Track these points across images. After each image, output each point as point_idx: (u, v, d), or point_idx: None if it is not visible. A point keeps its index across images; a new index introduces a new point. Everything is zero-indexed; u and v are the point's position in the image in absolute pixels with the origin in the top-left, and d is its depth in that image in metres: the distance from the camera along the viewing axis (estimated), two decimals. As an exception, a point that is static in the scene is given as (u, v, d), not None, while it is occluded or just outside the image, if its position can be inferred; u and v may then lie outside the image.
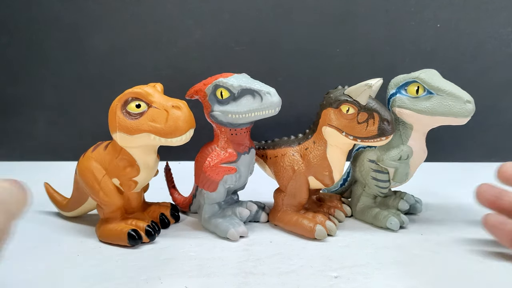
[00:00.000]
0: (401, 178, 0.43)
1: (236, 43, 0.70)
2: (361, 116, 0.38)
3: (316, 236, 0.39)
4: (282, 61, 0.70)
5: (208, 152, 0.40)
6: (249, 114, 0.37)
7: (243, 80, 0.37)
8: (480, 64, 0.69)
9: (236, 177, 0.41)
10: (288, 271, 0.34)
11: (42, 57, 0.72)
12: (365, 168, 0.44)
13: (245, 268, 0.34)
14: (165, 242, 0.40)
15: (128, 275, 0.33)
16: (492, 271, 0.34)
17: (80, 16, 0.70)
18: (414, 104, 0.39)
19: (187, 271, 0.34)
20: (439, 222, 0.44)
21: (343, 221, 0.45)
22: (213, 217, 0.41)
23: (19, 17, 0.70)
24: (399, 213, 0.43)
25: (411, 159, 0.42)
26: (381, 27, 0.68)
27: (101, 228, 0.39)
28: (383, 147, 0.42)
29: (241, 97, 0.37)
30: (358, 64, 0.69)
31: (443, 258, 0.36)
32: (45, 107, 0.74)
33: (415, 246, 0.38)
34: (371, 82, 0.37)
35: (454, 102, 0.38)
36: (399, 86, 0.41)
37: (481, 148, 0.73)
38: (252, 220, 0.44)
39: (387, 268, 0.34)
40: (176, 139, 0.36)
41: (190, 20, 0.69)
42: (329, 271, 0.33)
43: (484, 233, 0.41)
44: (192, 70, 0.70)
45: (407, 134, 0.41)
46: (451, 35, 0.68)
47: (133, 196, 0.42)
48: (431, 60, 0.69)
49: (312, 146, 0.41)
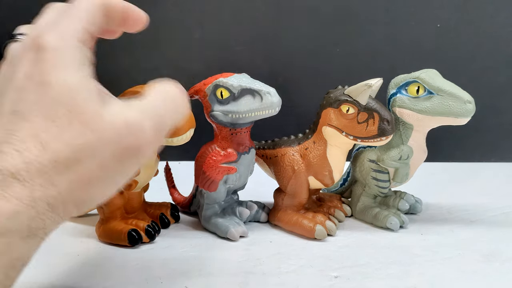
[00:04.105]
0: (401, 178, 0.43)
1: (236, 43, 0.70)
2: (361, 116, 0.38)
3: (316, 236, 0.39)
4: (282, 61, 0.70)
5: (208, 152, 0.40)
6: (249, 114, 0.37)
7: (243, 80, 0.37)
8: (480, 64, 0.69)
9: (236, 177, 0.41)
10: (288, 271, 0.34)
11: (42, 57, 0.72)
12: (365, 168, 0.44)
13: (245, 268, 0.34)
14: (165, 242, 0.40)
15: (128, 275, 0.33)
16: (492, 271, 0.34)
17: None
18: (414, 104, 0.39)
19: (187, 271, 0.33)
20: (439, 222, 0.44)
21: (343, 221, 0.45)
22: (213, 217, 0.41)
23: (19, 17, 0.70)
24: (399, 213, 0.43)
25: (411, 159, 0.42)
26: (381, 27, 0.68)
27: (101, 228, 0.39)
28: (383, 147, 0.42)
29: (241, 97, 0.37)
30: (358, 64, 0.69)
31: (443, 258, 0.36)
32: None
33: (415, 246, 0.38)
34: (371, 82, 0.37)
35: (455, 102, 0.38)
36: (400, 86, 0.41)
37: (481, 148, 0.73)
38: (252, 220, 0.44)
39: (387, 268, 0.34)
40: (177, 139, 0.36)
41: (190, 20, 0.69)
42: (329, 271, 0.34)
43: (484, 233, 0.41)
44: (192, 70, 0.70)
45: (407, 134, 0.41)
46: (451, 35, 0.68)
47: (133, 196, 0.42)
48: (431, 60, 0.69)
49: (312, 146, 0.41)
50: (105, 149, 0.20)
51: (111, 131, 0.21)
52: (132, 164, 0.22)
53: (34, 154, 0.19)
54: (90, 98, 0.21)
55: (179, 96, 0.24)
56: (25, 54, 0.21)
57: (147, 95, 0.23)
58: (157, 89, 0.24)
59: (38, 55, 0.21)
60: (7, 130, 0.20)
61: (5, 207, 0.18)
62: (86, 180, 0.20)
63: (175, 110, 0.24)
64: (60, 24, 0.22)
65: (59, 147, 0.20)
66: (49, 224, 0.20)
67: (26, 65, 0.21)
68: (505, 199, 0.51)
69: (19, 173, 0.19)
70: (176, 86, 0.25)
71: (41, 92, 0.20)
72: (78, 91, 0.21)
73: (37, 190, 0.19)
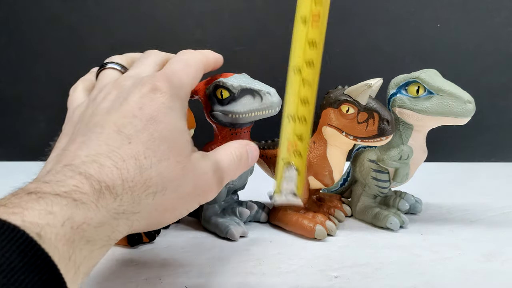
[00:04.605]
0: (401, 178, 0.43)
1: (236, 43, 0.70)
2: (361, 116, 0.38)
3: (316, 236, 0.39)
4: (282, 61, 0.70)
5: (208, 152, 0.40)
6: (249, 114, 0.37)
7: (243, 80, 0.37)
8: (480, 64, 0.69)
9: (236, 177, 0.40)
10: (288, 271, 0.34)
11: (42, 57, 0.72)
12: (365, 168, 0.44)
13: (245, 268, 0.34)
14: (165, 242, 0.40)
15: (128, 275, 0.33)
16: (493, 271, 0.33)
17: (80, 16, 0.70)
18: (414, 104, 0.39)
19: (187, 271, 0.33)
20: (439, 222, 0.44)
21: (343, 221, 0.45)
22: (213, 217, 0.41)
23: (19, 17, 0.70)
24: (399, 213, 0.43)
25: (411, 159, 0.42)
26: (381, 27, 0.68)
27: (101, 228, 0.39)
28: (383, 147, 0.42)
29: (241, 97, 0.37)
30: (358, 64, 0.69)
31: (443, 258, 0.36)
32: (45, 107, 0.74)
33: (415, 246, 0.38)
34: (371, 82, 0.37)
35: (455, 102, 0.38)
36: (400, 86, 0.41)
37: (481, 148, 0.73)
38: (252, 220, 0.44)
39: (387, 268, 0.34)
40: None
41: (190, 20, 0.69)
42: (329, 271, 0.33)
43: (484, 233, 0.41)
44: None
45: (407, 134, 0.41)
46: (451, 35, 0.68)
47: (133, 196, 0.42)
48: (431, 60, 0.69)
49: (312, 146, 0.41)
50: (186, 187, 0.24)
51: (193, 174, 0.25)
52: (196, 203, 0.26)
53: (131, 174, 0.22)
54: (187, 143, 0.25)
55: (243, 157, 0.29)
56: (139, 89, 0.24)
57: (219, 151, 0.28)
58: (228, 147, 0.28)
59: (154, 95, 0.24)
60: (109, 145, 0.22)
61: (95, 217, 0.20)
62: (165, 207, 0.24)
63: (237, 168, 0.28)
64: (175, 75, 0.26)
65: (154, 175, 0.22)
66: (119, 235, 0.22)
67: (139, 98, 0.24)
68: (505, 199, 0.51)
69: (115, 188, 0.21)
70: (245, 147, 0.29)
71: (150, 126, 0.23)
72: (182, 135, 0.25)
73: (124, 205, 0.21)
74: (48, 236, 0.17)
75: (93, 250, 0.20)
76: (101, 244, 0.21)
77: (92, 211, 0.20)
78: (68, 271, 0.18)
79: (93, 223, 0.20)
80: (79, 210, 0.19)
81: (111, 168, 0.21)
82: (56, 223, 0.18)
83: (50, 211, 0.18)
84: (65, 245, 0.18)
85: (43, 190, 0.19)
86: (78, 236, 0.19)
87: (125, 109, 0.24)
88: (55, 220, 0.18)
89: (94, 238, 0.20)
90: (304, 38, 0.29)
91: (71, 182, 0.20)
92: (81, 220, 0.19)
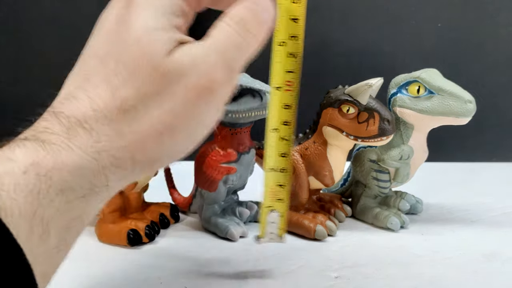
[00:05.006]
0: (402, 178, 0.43)
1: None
2: (361, 115, 0.38)
3: (316, 236, 0.39)
4: (282, 61, 0.70)
5: (208, 152, 0.40)
6: (249, 113, 0.37)
7: (243, 80, 0.37)
8: (480, 64, 0.69)
9: (236, 177, 0.40)
10: (288, 271, 0.33)
11: (42, 57, 0.72)
12: (365, 168, 0.44)
13: (245, 268, 0.34)
14: (165, 242, 0.40)
15: (128, 275, 0.33)
16: (493, 271, 0.33)
17: (80, 16, 0.70)
18: (415, 104, 0.39)
19: (187, 271, 0.33)
20: (440, 222, 0.44)
21: (343, 221, 0.44)
22: (213, 217, 0.41)
23: (19, 17, 0.70)
24: (399, 213, 0.43)
25: (412, 159, 0.42)
26: (381, 26, 0.68)
27: (101, 228, 0.39)
28: (383, 147, 0.42)
29: (241, 96, 0.37)
30: (358, 64, 0.69)
31: (443, 258, 0.36)
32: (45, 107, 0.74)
33: (415, 246, 0.38)
34: (372, 81, 0.37)
35: (455, 102, 0.38)
36: (400, 85, 0.41)
37: (481, 148, 0.73)
38: (252, 220, 0.44)
39: (388, 268, 0.34)
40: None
41: (190, 20, 0.69)
42: (329, 271, 0.33)
43: (485, 233, 0.41)
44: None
45: (408, 134, 0.41)
46: (451, 35, 0.68)
47: (133, 196, 0.42)
48: (431, 59, 0.69)
49: (313, 146, 0.41)
50: (173, 94, 0.18)
51: (176, 72, 0.18)
52: (206, 109, 0.19)
53: (103, 101, 0.18)
54: (164, 42, 0.19)
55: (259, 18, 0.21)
56: (111, 5, 0.20)
57: (211, 31, 0.20)
58: (232, 16, 0.20)
59: (128, 1, 0.20)
60: (85, 74, 0.19)
61: (68, 159, 0.17)
62: (157, 131, 0.18)
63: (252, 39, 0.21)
64: None
65: (130, 93, 0.18)
66: (113, 181, 0.18)
67: (111, 10, 0.20)
68: (506, 199, 0.51)
69: (87, 121, 0.17)
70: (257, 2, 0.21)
71: (121, 34, 0.19)
72: (154, 33, 0.19)
73: (103, 141, 0.17)
74: (6, 188, 0.15)
75: (70, 200, 0.17)
76: (82, 193, 0.17)
77: (64, 153, 0.16)
78: (32, 230, 0.15)
79: (67, 167, 0.16)
80: (47, 154, 0.16)
81: (83, 99, 0.18)
82: (17, 170, 0.15)
83: (10, 157, 0.16)
84: (28, 196, 0.15)
85: (18, 138, 0.17)
86: (46, 185, 0.16)
87: (103, 28, 0.20)
88: (15, 167, 0.15)
89: (71, 186, 0.17)
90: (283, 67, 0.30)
91: (42, 123, 0.18)
92: (49, 165, 0.16)
